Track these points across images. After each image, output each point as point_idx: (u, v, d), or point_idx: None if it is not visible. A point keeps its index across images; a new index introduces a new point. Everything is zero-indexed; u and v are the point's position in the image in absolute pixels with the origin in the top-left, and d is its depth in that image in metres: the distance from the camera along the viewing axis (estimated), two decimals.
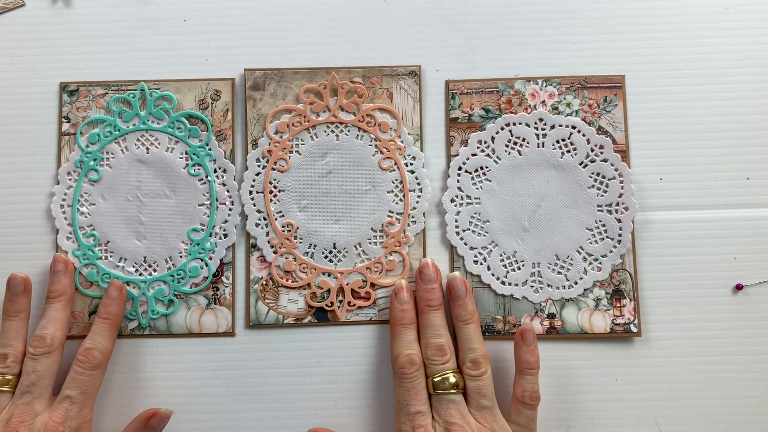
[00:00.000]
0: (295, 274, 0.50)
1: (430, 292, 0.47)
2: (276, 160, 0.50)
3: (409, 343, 0.46)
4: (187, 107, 0.51)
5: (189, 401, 0.49)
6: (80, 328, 0.50)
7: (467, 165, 0.50)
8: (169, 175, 0.50)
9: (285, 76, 0.51)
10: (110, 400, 0.49)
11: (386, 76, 0.51)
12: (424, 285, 0.47)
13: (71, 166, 0.50)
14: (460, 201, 0.50)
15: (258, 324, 0.50)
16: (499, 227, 0.50)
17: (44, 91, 0.51)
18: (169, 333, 0.50)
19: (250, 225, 0.50)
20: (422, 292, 0.47)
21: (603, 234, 0.50)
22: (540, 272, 0.50)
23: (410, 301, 0.47)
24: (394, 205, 0.50)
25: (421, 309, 0.47)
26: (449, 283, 0.48)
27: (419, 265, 0.48)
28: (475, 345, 0.46)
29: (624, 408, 0.49)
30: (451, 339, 0.47)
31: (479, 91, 0.51)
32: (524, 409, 0.46)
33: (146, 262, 0.50)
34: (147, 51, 0.51)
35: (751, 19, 0.51)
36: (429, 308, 0.47)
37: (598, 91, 0.51)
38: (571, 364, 0.49)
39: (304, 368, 0.50)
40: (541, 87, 0.51)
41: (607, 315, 0.49)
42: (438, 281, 0.48)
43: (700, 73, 0.51)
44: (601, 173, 0.50)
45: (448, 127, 0.51)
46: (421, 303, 0.47)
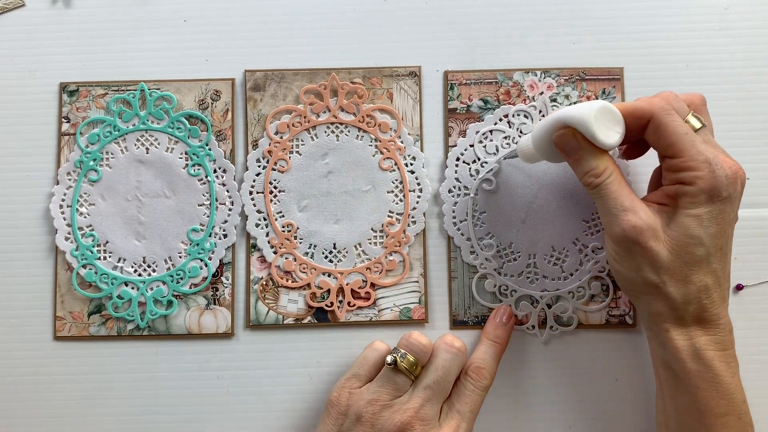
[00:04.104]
0: (295, 275, 0.50)
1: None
2: (276, 160, 0.50)
3: None
4: (187, 107, 0.51)
5: (189, 401, 0.49)
6: (79, 329, 0.50)
7: (465, 156, 0.50)
8: (169, 175, 0.50)
9: (285, 76, 0.51)
10: (110, 401, 0.49)
11: (386, 77, 0.51)
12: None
13: (71, 166, 0.50)
14: (458, 192, 0.50)
15: (258, 324, 0.49)
16: (496, 218, 0.50)
17: (44, 91, 0.51)
18: (169, 333, 0.49)
19: (250, 225, 0.50)
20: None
21: (599, 226, 0.50)
22: (536, 264, 0.50)
23: None
24: (394, 205, 0.50)
25: None
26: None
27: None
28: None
29: (624, 408, 0.49)
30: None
31: (478, 82, 0.51)
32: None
33: (145, 263, 0.50)
34: (147, 51, 0.51)
35: (751, 19, 0.51)
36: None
37: (597, 83, 0.51)
38: (571, 363, 0.49)
39: (304, 368, 0.49)
40: (540, 78, 0.51)
41: (603, 307, 0.49)
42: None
43: (700, 73, 0.51)
44: None
45: (447, 118, 0.51)
46: None
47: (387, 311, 0.50)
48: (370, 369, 0.45)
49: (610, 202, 0.41)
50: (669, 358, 0.42)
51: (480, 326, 0.49)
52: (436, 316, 0.50)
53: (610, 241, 0.42)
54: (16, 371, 0.50)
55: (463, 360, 0.45)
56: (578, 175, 0.43)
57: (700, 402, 0.40)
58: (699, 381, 0.40)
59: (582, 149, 0.41)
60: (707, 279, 0.40)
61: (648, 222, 0.40)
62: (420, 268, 0.50)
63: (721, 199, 0.40)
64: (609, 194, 0.41)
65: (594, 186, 0.42)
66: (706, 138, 0.42)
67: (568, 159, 0.43)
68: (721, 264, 0.41)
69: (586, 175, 0.42)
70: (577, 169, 0.43)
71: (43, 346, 0.50)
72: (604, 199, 0.41)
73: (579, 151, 0.42)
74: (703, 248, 0.40)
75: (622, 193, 0.41)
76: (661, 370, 0.43)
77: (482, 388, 0.45)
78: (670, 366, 0.42)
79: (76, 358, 0.50)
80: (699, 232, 0.40)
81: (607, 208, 0.41)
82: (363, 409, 0.43)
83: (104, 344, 0.50)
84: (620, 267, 0.42)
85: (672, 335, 0.41)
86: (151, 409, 0.49)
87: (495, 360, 0.46)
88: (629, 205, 0.40)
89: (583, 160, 0.42)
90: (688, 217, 0.40)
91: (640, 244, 0.40)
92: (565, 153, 0.42)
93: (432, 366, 0.44)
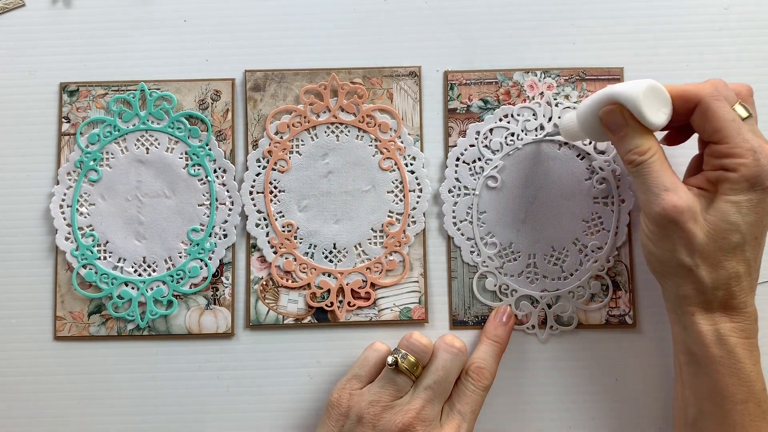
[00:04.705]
0: (295, 275, 0.50)
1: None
2: (276, 160, 0.50)
3: None
4: (187, 107, 0.51)
5: (189, 401, 0.49)
6: (79, 329, 0.50)
7: (465, 156, 0.50)
8: (169, 175, 0.50)
9: (285, 77, 0.51)
10: (110, 401, 0.49)
11: (386, 77, 0.51)
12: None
13: (71, 166, 0.50)
14: (458, 192, 0.50)
15: (258, 324, 0.49)
16: (496, 218, 0.50)
17: (44, 91, 0.51)
18: (169, 333, 0.49)
19: (250, 225, 0.50)
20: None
21: (599, 226, 0.50)
22: (536, 263, 0.50)
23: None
24: (394, 205, 0.50)
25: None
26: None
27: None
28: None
29: (624, 408, 0.49)
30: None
31: (478, 82, 0.51)
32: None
33: (145, 263, 0.50)
34: (147, 51, 0.51)
35: (751, 19, 0.51)
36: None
37: (597, 83, 0.51)
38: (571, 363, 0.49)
39: (304, 368, 0.49)
40: (540, 78, 0.51)
41: (603, 307, 0.49)
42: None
43: (700, 73, 0.51)
44: (598, 165, 0.50)
45: (446, 118, 0.51)
46: None
47: (387, 311, 0.50)
48: (371, 370, 0.45)
49: (652, 181, 0.41)
50: (691, 343, 0.42)
51: (480, 326, 0.49)
52: (436, 316, 0.50)
53: (648, 220, 0.42)
54: (16, 371, 0.50)
55: (464, 360, 0.45)
56: (621, 152, 0.43)
57: (720, 387, 0.41)
58: (720, 366, 0.40)
59: (628, 126, 0.42)
60: (739, 266, 0.41)
61: (688, 203, 0.40)
62: (420, 268, 0.50)
63: (763, 188, 0.40)
64: (651, 173, 0.41)
65: (637, 164, 0.42)
66: (751, 127, 0.42)
67: (613, 136, 0.43)
68: (754, 253, 0.41)
69: (630, 153, 0.42)
70: (621, 146, 0.43)
71: (43, 346, 0.50)
72: (645, 178, 0.41)
73: (625, 128, 0.42)
74: (739, 235, 0.40)
75: (665, 173, 0.41)
76: (681, 354, 0.43)
77: (483, 388, 0.45)
78: (692, 350, 0.42)
79: (76, 358, 0.50)
80: (737, 219, 0.40)
81: (648, 186, 0.41)
82: (364, 410, 0.43)
83: (104, 344, 0.50)
84: (654, 247, 0.42)
85: (697, 319, 0.41)
86: (151, 409, 0.49)
87: (495, 360, 0.46)
88: (671, 185, 0.41)
89: (628, 138, 0.42)
90: (728, 204, 0.40)
91: (679, 224, 0.40)
92: (610, 130, 0.43)
93: (432, 366, 0.44)
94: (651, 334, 0.49)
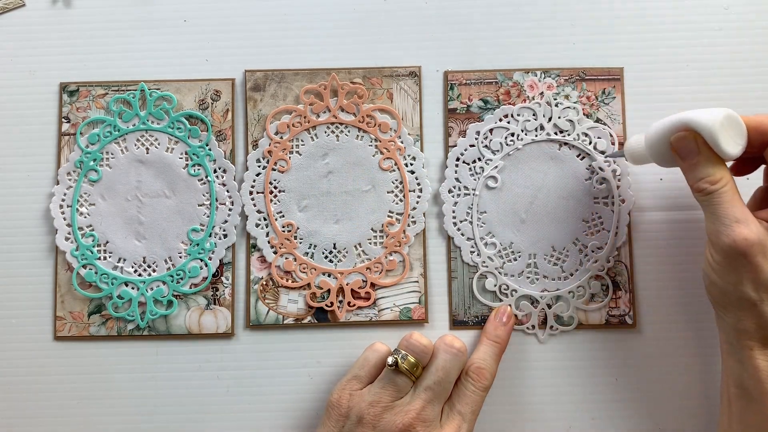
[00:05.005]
0: (295, 275, 0.50)
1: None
2: (276, 160, 0.50)
3: None
4: (187, 107, 0.51)
5: (189, 401, 0.49)
6: (79, 329, 0.50)
7: (465, 156, 0.50)
8: (169, 176, 0.50)
9: (285, 77, 0.51)
10: (110, 401, 0.49)
11: (386, 77, 0.51)
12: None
13: (71, 166, 0.50)
14: (458, 192, 0.50)
15: (258, 324, 0.49)
16: (496, 218, 0.50)
17: (44, 91, 0.51)
18: (169, 333, 0.49)
19: (250, 225, 0.50)
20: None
21: (599, 226, 0.50)
22: (536, 263, 0.50)
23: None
24: (394, 205, 0.50)
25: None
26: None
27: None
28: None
29: (624, 408, 0.49)
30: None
31: (478, 82, 0.51)
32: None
33: (145, 263, 0.50)
34: (147, 51, 0.51)
35: (751, 19, 0.51)
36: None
37: (597, 83, 0.51)
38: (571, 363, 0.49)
39: (304, 368, 0.49)
40: (540, 78, 0.51)
41: (603, 307, 0.49)
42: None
43: (700, 73, 0.51)
44: (598, 165, 0.50)
45: (447, 118, 0.51)
46: None
47: (387, 311, 0.50)
48: (371, 370, 0.45)
49: (722, 212, 0.40)
50: (746, 377, 0.41)
51: (480, 326, 0.49)
52: (436, 316, 0.50)
53: (714, 250, 0.41)
54: (16, 371, 0.50)
55: (464, 360, 0.45)
56: (690, 179, 0.42)
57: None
58: None
59: (701, 155, 0.41)
60: None
61: (759, 236, 0.39)
62: (420, 268, 0.50)
63: None
64: (723, 203, 0.40)
65: (707, 193, 0.41)
66: None
67: (683, 163, 0.42)
68: None
69: (701, 181, 0.41)
70: (691, 173, 0.42)
71: (43, 346, 0.50)
72: (715, 208, 0.41)
73: (697, 156, 0.41)
74: None
75: (736, 204, 0.40)
76: (733, 387, 0.42)
77: (483, 388, 0.45)
78: (745, 385, 0.41)
79: (76, 358, 0.50)
80: None
81: (718, 217, 0.40)
82: (364, 411, 0.43)
83: (104, 344, 0.50)
84: (718, 278, 0.41)
85: (755, 354, 0.40)
86: (151, 409, 0.49)
87: (495, 360, 0.46)
88: (742, 217, 0.40)
89: (700, 166, 0.41)
90: None
91: (748, 257, 0.39)
92: (681, 157, 0.42)
93: (432, 367, 0.44)
94: (651, 334, 0.49)
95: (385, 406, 0.43)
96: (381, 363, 0.46)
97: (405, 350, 0.44)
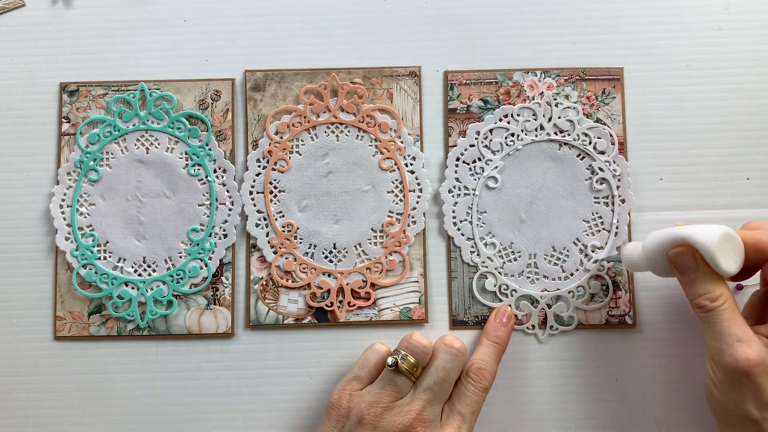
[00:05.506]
0: (295, 275, 0.50)
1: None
2: (276, 160, 0.50)
3: None
4: (187, 107, 0.51)
5: (189, 401, 0.49)
6: (79, 329, 0.50)
7: (465, 156, 0.50)
8: (169, 175, 0.50)
9: (285, 77, 0.51)
10: (110, 401, 0.49)
11: (386, 77, 0.51)
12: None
13: (71, 166, 0.50)
14: (458, 192, 0.50)
15: (258, 324, 0.49)
16: (496, 218, 0.50)
17: (44, 91, 0.51)
18: (169, 333, 0.49)
19: (250, 225, 0.50)
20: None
21: (599, 226, 0.50)
22: (536, 263, 0.50)
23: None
24: (394, 205, 0.50)
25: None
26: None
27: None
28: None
29: (624, 408, 0.49)
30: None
31: (478, 82, 0.51)
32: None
33: (145, 263, 0.50)
34: (147, 51, 0.51)
35: (751, 19, 0.51)
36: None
37: (597, 83, 0.51)
38: (571, 363, 0.49)
39: (304, 368, 0.49)
40: (540, 78, 0.51)
41: (603, 307, 0.49)
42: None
43: (700, 73, 0.51)
44: (598, 165, 0.50)
45: (447, 118, 0.51)
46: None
47: (387, 311, 0.50)
48: (371, 371, 0.45)
49: (723, 330, 0.40)
50: None
51: (480, 326, 0.49)
52: (436, 316, 0.50)
53: (717, 368, 0.40)
54: (16, 371, 0.50)
55: (464, 361, 0.45)
56: (690, 294, 0.42)
57: None
58: None
59: (699, 271, 0.41)
60: None
61: (762, 357, 0.39)
62: (420, 268, 0.50)
63: None
64: (723, 321, 0.40)
65: (707, 310, 0.40)
66: None
67: (681, 277, 0.42)
68: None
69: (701, 298, 0.41)
70: (690, 289, 0.42)
71: (43, 346, 0.50)
72: (716, 325, 0.40)
73: (696, 272, 0.41)
74: None
75: (737, 321, 0.40)
76: None
77: (483, 389, 0.45)
78: None
79: (76, 358, 0.50)
80: None
81: (719, 334, 0.40)
82: (364, 412, 0.43)
83: (104, 344, 0.50)
84: (720, 395, 0.41)
85: None
86: (151, 409, 0.49)
87: (495, 360, 0.46)
88: (743, 336, 0.39)
89: (698, 282, 0.41)
90: None
91: (751, 377, 0.39)
92: (680, 271, 0.42)
93: (432, 367, 0.44)
94: (651, 334, 0.49)
95: (385, 407, 0.43)
96: (381, 363, 0.46)
97: (405, 351, 0.44)
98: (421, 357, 0.44)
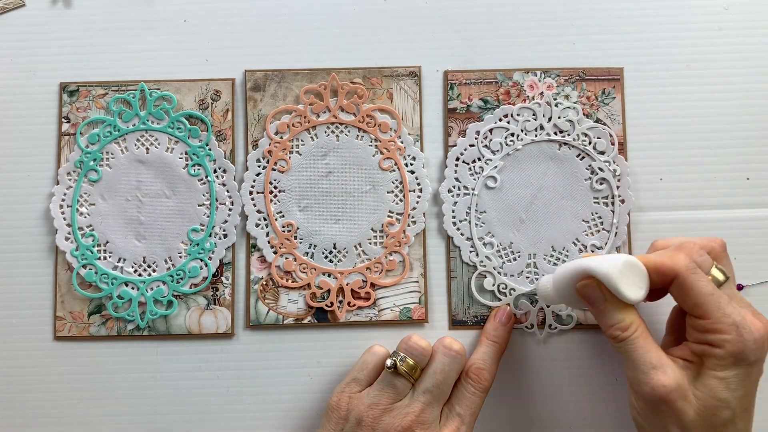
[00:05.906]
0: (295, 275, 0.50)
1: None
2: (276, 160, 0.50)
3: None
4: (187, 107, 0.51)
5: (189, 401, 0.49)
6: (79, 329, 0.50)
7: (465, 156, 0.50)
8: (169, 175, 0.50)
9: (285, 77, 0.51)
10: (110, 401, 0.49)
11: (386, 77, 0.51)
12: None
13: (71, 166, 0.50)
14: (457, 192, 0.50)
15: (258, 324, 0.49)
16: (496, 218, 0.50)
17: (44, 91, 0.51)
18: (169, 333, 0.50)
19: (250, 225, 0.50)
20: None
21: (599, 226, 0.50)
22: (536, 263, 0.50)
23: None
24: (394, 205, 0.50)
25: None
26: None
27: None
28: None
29: (624, 408, 0.49)
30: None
31: (478, 81, 0.51)
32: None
33: (145, 263, 0.50)
34: (147, 51, 0.51)
35: (751, 19, 0.51)
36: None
37: (597, 83, 0.51)
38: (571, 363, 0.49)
39: (304, 368, 0.49)
40: (540, 78, 0.51)
41: None
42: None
43: (700, 73, 0.51)
44: (598, 165, 0.50)
45: (446, 118, 0.51)
46: None
47: (387, 311, 0.50)
48: (370, 373, 0.45)
49: (638, 358, 0.40)
50: None
51: (479, 326, 0.49)
52: (435, 316, 0.50)
53: (636, 398, 0.41)
54: (16, 371, 0.50)
55: (463, 362, 0.45)
56: (603, 327, 0.42)
57: None
58: None
59: (607, 301, 0.41)
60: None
61: (677, 381, 0.39)
62: (420, 268, 0.50)
63: (748, 363, 0.39)
64: (636, 350, 0.40)
65: (620, 340, 0.41)
66: (730, 292, 0.41)
67: (591, 309, 0.42)
68: (744, 423, 0.40)
69: (612, 329, 0.41)
70: (601, 320, 0.42)
71: (43, 346, 0.50)
72: (630, 355, 0.40)
73: (604, 303, 0.41)
74: (730, 411, 0.39)
75: (650, 349, 0.40)
76: None
77: (482, 389, 0.45)
78: None
79: (76, 358, 0.50)
80: (726, 396, 0.39)
81: (634, 363, 0.40)
82: (364, 414, 0.43)
83: (104, 344, 0.50)
84: (644, 422, 0.41)
85: None
86: (151, 409, 0.49)
87: (495, 361, 0.46)
88: (658, 363, 0.39)
89: (607, 312, 0.41)
90: (716, 380, 0.39)
91: (669, 403, 0.39)
92: (589, 303, 0.42)
93: (431, 369, 0.44)
94: None
95: (384, 409, 0.43)
96: (380, 365, 0.46)
97: (404, 352, 0.44)
98: (420, 359, 0.44)
